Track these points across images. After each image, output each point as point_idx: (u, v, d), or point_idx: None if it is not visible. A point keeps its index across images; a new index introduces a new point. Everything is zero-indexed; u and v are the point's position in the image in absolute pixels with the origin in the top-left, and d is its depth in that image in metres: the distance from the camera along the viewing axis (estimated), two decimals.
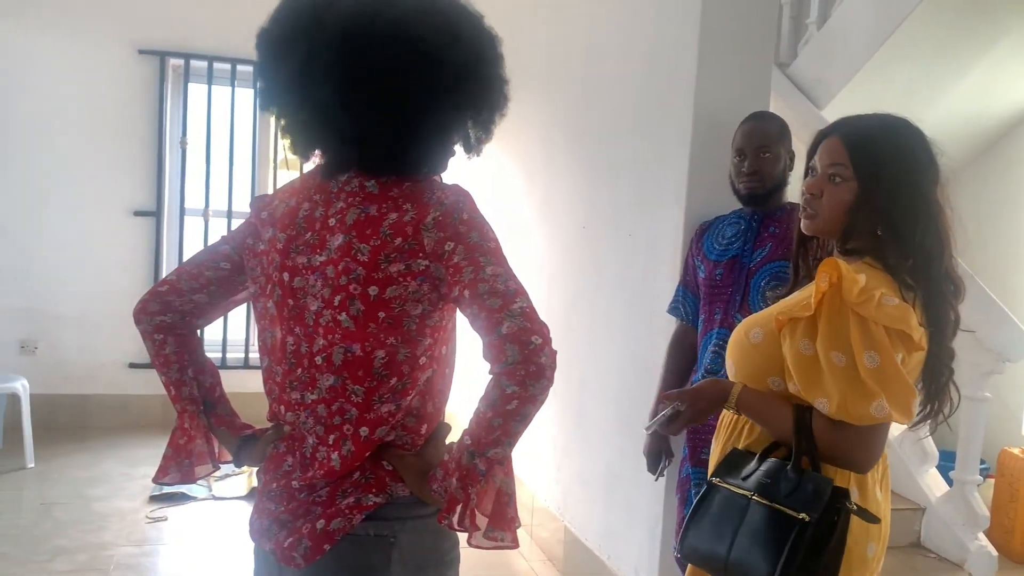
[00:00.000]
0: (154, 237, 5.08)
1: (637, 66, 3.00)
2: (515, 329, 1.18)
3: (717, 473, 1.59)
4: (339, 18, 1.25)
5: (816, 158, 1.59)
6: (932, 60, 4.30)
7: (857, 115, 1.61)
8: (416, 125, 1.29)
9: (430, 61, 1.25)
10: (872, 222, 1.53)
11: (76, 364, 5.04)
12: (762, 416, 1.56)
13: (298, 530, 1.30)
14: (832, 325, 1.44)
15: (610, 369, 3.14)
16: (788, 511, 1.44)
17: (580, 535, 3.32)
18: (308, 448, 1.33)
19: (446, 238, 1.24)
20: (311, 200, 1.33)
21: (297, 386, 1.33)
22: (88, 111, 4.93)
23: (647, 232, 2.90)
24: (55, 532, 3.54)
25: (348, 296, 1.25)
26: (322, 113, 1.29)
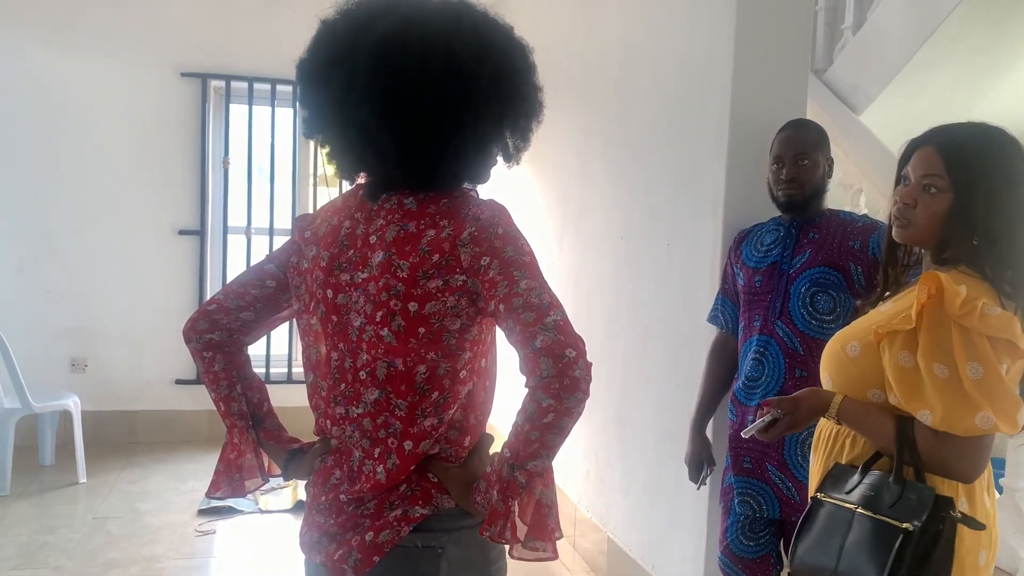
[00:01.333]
0: (198, 255, 5.19)
1: (672, 75, 3.02)
2: (549, 342, 1.20)
3: (821, 488, 1.60)
4: (373, 43, 1.28)
5: (909, 167, 1.59)
6: (969, 64, 4.26)
7: (951, 124, 1.60)
8: (455, 140, 1.31)
9: (464, 76, 1.28)
10: (968, 232, 1.52)
11: (124, 381, 5.15)
12: (863, 427, 1.57)
13: (348, 542, 1.33)
14: (934, 337, 1.45)
15: (650, 378, 3.14)
16: (892, 522, 1.45)
17: (623, 545, 3.32)
18: (355, 461, 1.36)
19: (482, 253, 1.27)
20: (352, 218, 1.36)
21: (342, 400, 1.36)
22: (133, 133, 5.06)
23: (685, 241, 2.91)
24: (108, 545, 3.62)
25: (389, 312, 1.28)
26: (363, 136, 1.32)
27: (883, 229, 2.32)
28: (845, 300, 2.27)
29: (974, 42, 4.16)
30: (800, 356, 2.27)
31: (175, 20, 5.07)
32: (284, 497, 4.23)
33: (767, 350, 2.31)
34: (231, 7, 5.08)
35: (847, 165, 4.13)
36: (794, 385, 2.26)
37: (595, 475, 3.61)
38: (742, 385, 2.38)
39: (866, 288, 2.30)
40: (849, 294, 2.27)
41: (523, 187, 4.66)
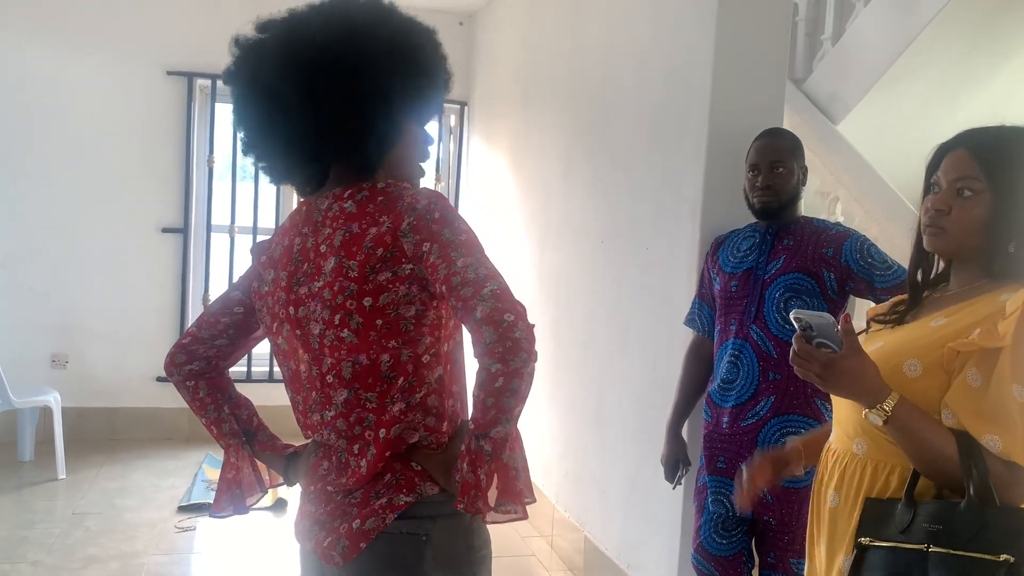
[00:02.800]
0: (181, 253, 5.19)
1: (654, 83, 3.07)
2: (488, 311, 1.24)
3: (864, 531, 1.39)
4: (271, 54, 1.38)
5: (939, 173, 1.46)
6: (947, 74, 4.34)
7: (980, 127, 1.48)
8: (363, 119, 1.37)
9: (360, 39, 1.36)
10: (1006, 238, 1.40)
11: (106, 378, 5.14)
12: (917, 437, 1.33)
13: (336, 530, 1.37)
14: (1019, 357, 1.30)
15: (629, 380, 3.19)
16: (984, 556, 1.25)
17: (600, 544, 3.37)
18: (342, 455, 1.40)
19: (422, 240, 1.32)
20: (301, 234, 1.42)
21: (316, 408, 1.41)
22: (118, 131, 5.06)
23: (664, 246, 2.96)
24: (87, 541, 3.63)
25: (346, 312, 1.33)
26: (284, 136, 1.39)
27: (857, 237, 2.39)
28: (818, 306, 2.32)
29: (950, 54, 4.25)
30: (774, 360, 2.32)
31: (161, 19, 5.07)
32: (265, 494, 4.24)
33: (742, 353, 2.37)
34: (217, 6, 5.09)
35: (824, 174, 4.20)
36: (768, 388, 2.32)
37: (573, 475, 3.65)
38: (717, 387, 2.43)
39: (838, 294, 2.35)
40: (822, 300, 2.33)
41: (507, 190, 4.71)
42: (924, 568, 1.28)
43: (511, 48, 4.72)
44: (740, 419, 2.36)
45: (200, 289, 5.25)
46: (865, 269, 2.29)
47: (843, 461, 1.49)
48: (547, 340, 3.98)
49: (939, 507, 1.32)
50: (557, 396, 3.86)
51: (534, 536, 3.97)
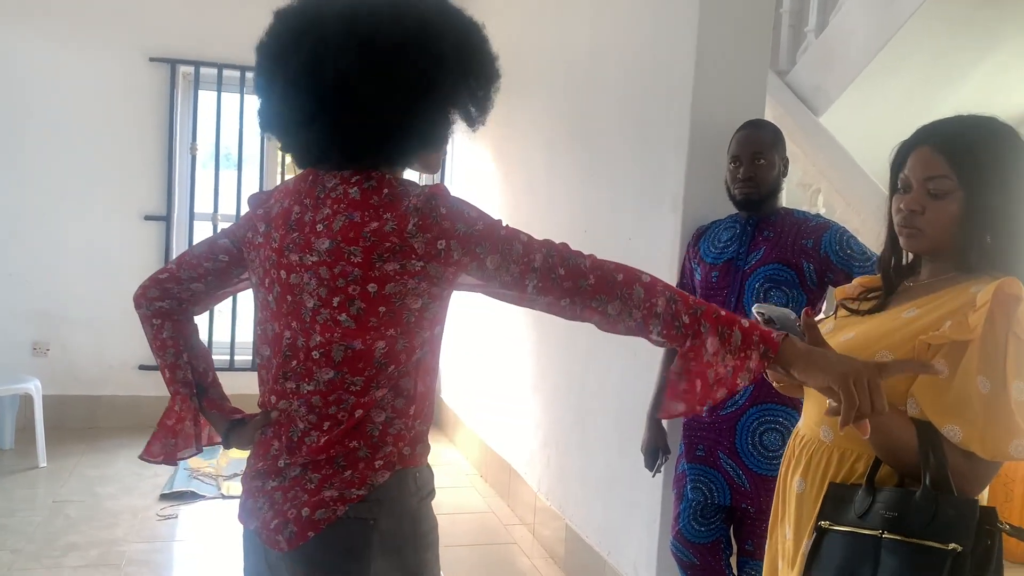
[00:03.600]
0: (164, 241, 5.17)
1: (637, 74, 3.08)
2: (584, 293, 1.33)
3: (824, 515, 1.41)
4: (341, 8, 1.33)
5: (907, 172, 1.45)
6: (929, 68, 4.37)
7: (941, 120, 1.46)
8: (425, 99, 1.35)
9: (431, 34, 1.33)
10: (982, 231, 1.40)
11: (87, 366, 5.12)
12: (879, 424, 1.31)
13: (284, 513, 1.36)
14: (986, 349, 1.31)
15: (610, 369, 3.21)
16: (933, 544, 1.26)
17: (581, 532, 3.39)
18: (296, 432, 1.38)
19: (435, 238, 1.29)
20: (302, 204, 1.38)
21: (292, 376, 1.38)
22: (100, 118, 5.03)
23: (646, 237, 2.98)
24: (68, 529, 3.62)
25: (348, 297, 1.31)
26: (335, 100, 1.33)
27: (836, 228, 2.40)
28: (798, 296, 2.34)
29: (932, 47, 4.27)
30: None
31: (144, 4, 5.04)
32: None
33: None
34: None
35: (806, 165, 4.23)
36: None
37: (555, 463, 3.67)
38: None
39: (818, 285, 2.37)
40: (802, 291, 2.35)
41: (491, 181, 4.71)
42: (878, 554, 1.30)
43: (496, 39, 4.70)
44: (719, 408, 2.37)
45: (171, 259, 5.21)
46: (844, 260, 2.30)
47: (810, 447, 1.50)
48: (531, 331, 3.99)
49: (896, 495, 1.34)
50: (540, 386, 3.88)
51: (516, 524, 3.99)
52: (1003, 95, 4.65)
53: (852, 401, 1.21)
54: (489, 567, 3.53)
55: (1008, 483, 3.81)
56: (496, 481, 4.41)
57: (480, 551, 3.66)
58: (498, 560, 3.62)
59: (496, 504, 4.22)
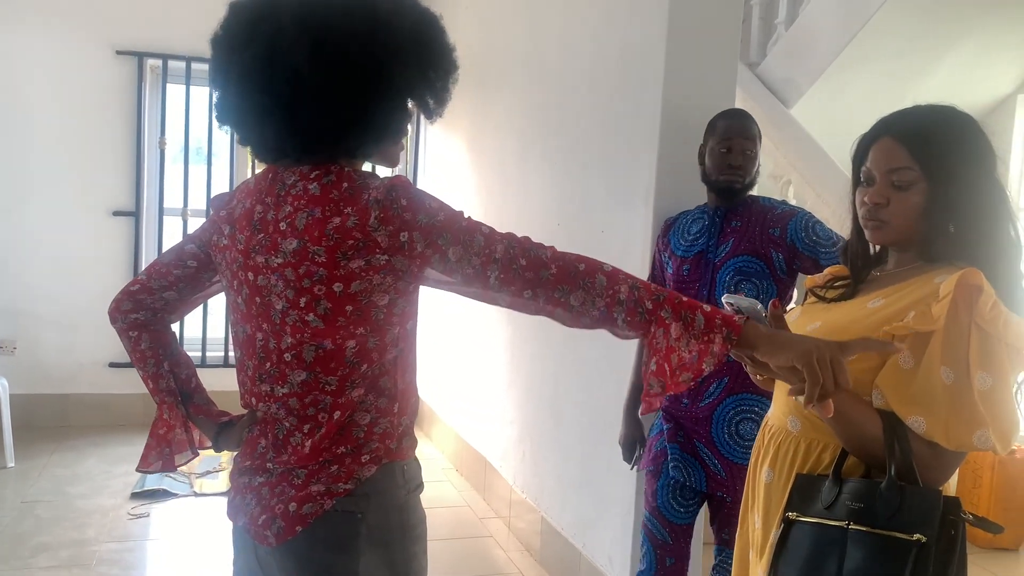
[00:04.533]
0: (133, 237, 5.11)
1: (608, 67, 3.08)
2: (541, 296, 1.32)
3: (790, 506, 1.42)
4: (287, 15, 1.31)
5: (869, 164, 1.45)
6: (897, 59, 4.41)
7: (900, 111, 1.46)
8: (379, 91, 1.33)
9: (385, 28, 1.32)
10: (945, 221, 1.40)
11: (56, 364, 5.05)
12: (844, 416, 1.34)
13: (271, 508, 1.36)
14: (950, 340, 1.31)
15: (584, 362, 3.22)
16: (899, 535, 1.27)
17: (556, 525, 3.40)
18: (281, 431, 1.38)
19: (396, 230, 1.28)
20: (263, 203, 1.37)
21: (267, 379, 1.38)
22: (66, 112, 4.95)
23: (618, 229, 2.98)
24: (37, 529, 3.57)
25: (314, 298, 1.30)
26: (288, 93, 1.31)
27: (802, 215, 2.41)
28: (768, 287, 2.35)
29: (901, 38, 4.31)
30: None
31: None
32: (220, 480, 4.21)
33: None
34: None
35: (777, 157, 4.25)
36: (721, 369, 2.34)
37: (530, 457, 3.67)
38: None
39: (787, 274, 2.39)
40: (772, 281, 2.36)
41: (464, 173, 4.70)
42: (844, 545, 1.31)
43: (468, 31, 4.69)
44: (698, 398, 2.38)
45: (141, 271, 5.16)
46: (810, 247, 2.30)
47: (778, 437, 1.52)
48: (504, 325, 3.99)
49: (862, 486, 1.34)
50: (515, 381, 3.88)
51: (492, 517, 3.99)
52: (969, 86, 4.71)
53: (816, 378, 1.21)
54: (465, 560, 3.53)
55: (977, 470, 3.87)
56: (471, 475, 4.41)
57: (456, 544, 3.66)
58: (474, 553, 3.63)
59: (472, 498, 4.22)
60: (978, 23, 4.30)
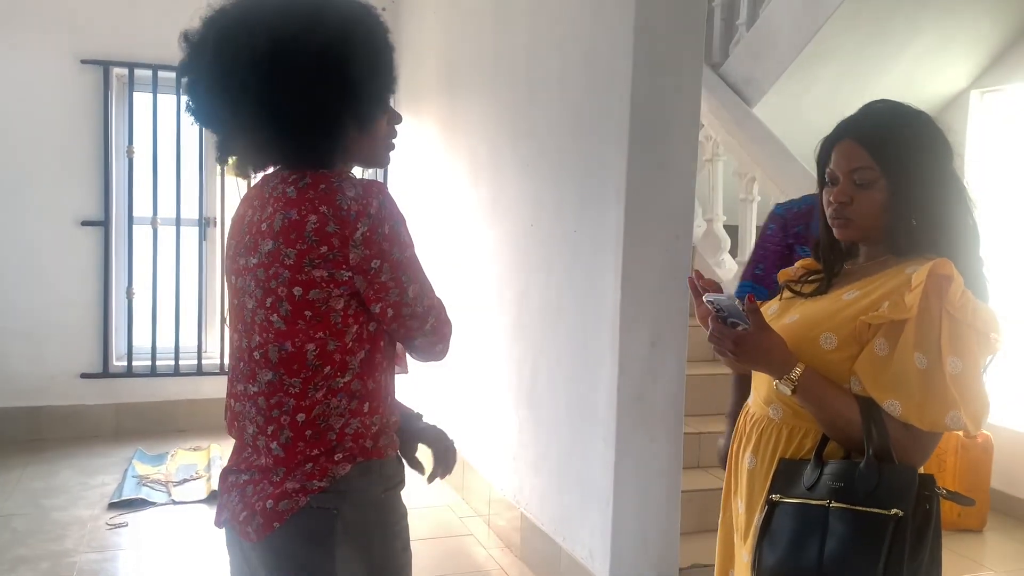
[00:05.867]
0: (102, 246, 5.07)
1: (576, 70, 3.14)
2: (424, 342, 1.50)
3: (775, 489, 1.49)
4: (211, 38, 1.39)
5: (832, 166, 1.53)
6: (855, 58, 4.53)
7: (857, 113, 1.56)
8: (289, 114, 1.36)
9: (289, 50, 1.34)
10: (907, 216, 1.48)
11: (26, 376, 5.00)
12: (823, 404, 1.44)
13: (251, 505, 1.41)
14: (922, 327, 1.39)
15: (560, 359, 3.27)
16: (877, 511, 1.36)
17: (536, 521, 3.45)
18: (248, 437, 1.45)
19: (371, 256, 1.35)
20: (252, 206, 1.45)
21: (241, 378, 1.45)
22: (32, 122, 4.91)
23: (590, 228, 3.04)
24: (14, 542, 3.55)
25: (277, 299, 1.37)
26: (247, 124, 1.40)
27: None
28: None
29: (859, 37, 4.43)
30: None
31: (75, 5, 4.92)
32: (197, 488, 4.21)
33: None
34: None
35: (741, 155, 4.34)
36: None
37: (508, 454, 3.72)
38: None
39: None
40: None
41: (435, 175, 4.73)
42: (826, 522, 1.40)
43: (436, 34, 4.73)
44: None
45: (123, 282, 5.14)
46: None
47: (760, 425, 1.59)
48: (481, 325, 4.03)
49: (842, 466, 1.43)
50: (490, 378, 3.92)
51: (471, 516, 4.04)
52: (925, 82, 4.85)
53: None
54: (446, 559, 3.57)
55: (941, 453, 3.99)
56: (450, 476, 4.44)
57: (437, 544, 3.69)
58: (455, 552, 3.67)
59: (451, 498, 4.26)
60: (931, 21, 4.43)
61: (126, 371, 5.16)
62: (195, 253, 5.26)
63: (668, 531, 2.95)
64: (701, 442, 3.62)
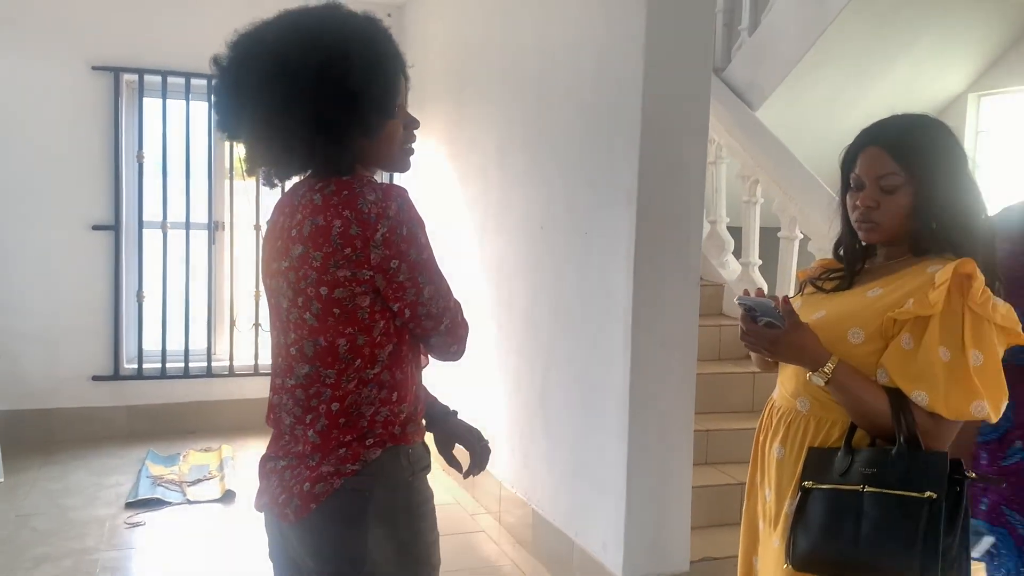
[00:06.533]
0: (113, 250, 5.13)
1: (587, 73, 3.21)
2: (440, 342, 1.58)
3: (807, 476, 1.57)
4: (231, 61, 1.49)
5: (858, 171, 1.63)
6: (856, 62, 4.62)
7: (882, 121, 1.65)
8: (296, 127, 1.45)
9: (289, 72, 1.43)
10: (928, 219, 1.58)
11: (38, 379, 5.05)
12: (855, 395, 1.54)
13: (290, 488, 1.52)
14: (946, 322, 1.48)
15: (571, 358, 3.34)
16: (911, 494, 1.44)
17: (548, 517, 3.52)
18: (286, 427, 1.56)
19: (391, 256, 1.45)
20: (283, 213, 1.57)
21: (279, 373, 1.58)
22: (44, 128, 4.97)
23: (602, 230, 3.12)
24: (36, 541, 3.61)
25: (308, 298, 1.48)
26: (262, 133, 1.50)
27: None
28: None
29: (859, 42, 4.53)
30: None
31: (85, 12, 4.98)
32: (212, 488, 4.27)
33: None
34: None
35: (745, 158, 4.43)
36: None
37: (520, 452, 3.79)
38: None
39: None
40: None
41: (445, 179, 4.80)
42: (860, 506, 1.48)
43: (442, 40, 4.81)
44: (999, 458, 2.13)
45: (134, 286, 5.21)
46: None
47: (787, 417, 1.68)
48: (490, 324, 4.11)
49: (874, 453, 1.52)
50: (502, 378, 3.99)
51: (482, 513, 4.11)
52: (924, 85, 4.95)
53: None
54: (458, 554, 3.63)
55: None
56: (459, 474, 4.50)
57: (448, 540, 3.72)
58: (466, 547, 3.74)
59: (460, 496, 4.33)
60: (929, 26, 4.53)
61: (136, 373, 5.23)
62: (204, 256, 5.32)
63: (679, 525, 3.03)
64: (709, 439, 3.70)
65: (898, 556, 1.43)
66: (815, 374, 1.56)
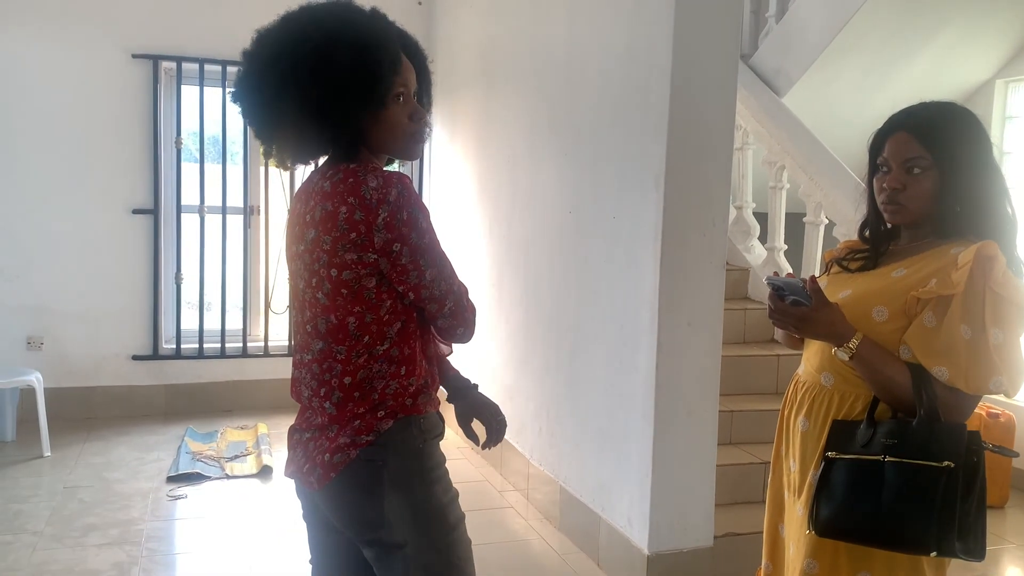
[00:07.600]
0: (152, 233, 5.28)
1: (616, 60, 3.28)
2: (446, 325, 1.67)
3: (831, 447, 1.65)
4: (249, 56, 1.60)
5: (885, 155, 1.69)
6: (882, 49, 4.64)
7: (911, 108, 1.71)
8: (292, 113, 1.55)
9: (285, 65, 1.54)
10: (952, 202, 1.64)
11: (81, 358, 5.23)
12: (879, 370, 1.61)
13: (313, 458, 1.65)
14: (967, 301, 1.54)
15: (599, 339, 3.44)
16: (930, 463, 1.51)
17: (575, 493, 3.62)
18: (305, 400, 1.69)
19: (393, 239, 1.55)
20: (300, 200, 1.69)
21: (299, 349, 1.72)
22: (85, 115, 5.12)
23: (630, 214, 3.20)
24: (83, 511, 3.77)
25: (320, 279, 1.60)
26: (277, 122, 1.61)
27: None
28: None
29: (885, 29, 4.55)
30: None
31: (125, 3, 5.13)
32: (249, 463, 4.42)
33: None
34: None
35: (771, 144, 4.48)
36: None
37: (547, 431, 3.90)
38: None
39: None
40: None
41: (472, 166, 4.90)
42: (881, 474, 1.56)
43: (472, 28, 4.89)
44: None
45: (172, 268, 5.36)
46: None
47: (812, 391, 1.77)
48: (517, 307, 4.21)
49: (895, 425, 1.60)
50: (530, 360, 4.09)
51: (510, 490, 4.22)
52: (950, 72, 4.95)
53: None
54: (487, 530, 3.75)
55: None
56: (488, 452, 4.63)
57: (476, 516, 3.87)
58: (494, 523, 3.85)
59: (488, 473, 4.44)
60: (957, 12, 4.54)
61: (175, 353, 5.39)
62: (240, 240, 5.46)
63: (704, 501, 3.12)
64: (733, 419, 3.78)
65: (916, 522, 1.50)
66: (840, 349, 1.63)
